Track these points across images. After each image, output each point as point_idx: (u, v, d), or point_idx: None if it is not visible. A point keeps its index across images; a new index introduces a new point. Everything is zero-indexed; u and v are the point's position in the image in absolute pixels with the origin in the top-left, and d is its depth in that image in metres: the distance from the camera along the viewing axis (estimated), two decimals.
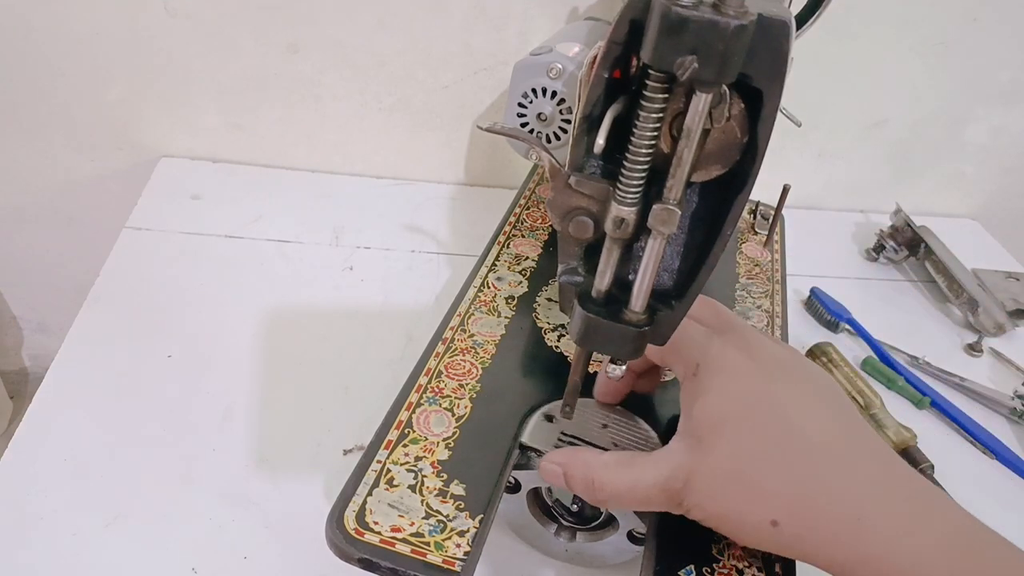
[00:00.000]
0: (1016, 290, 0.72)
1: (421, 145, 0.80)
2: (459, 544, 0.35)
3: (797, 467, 0.31)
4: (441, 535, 0.35)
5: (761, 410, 0.33)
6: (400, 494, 0.37)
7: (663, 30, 0.23)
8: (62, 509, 0.45)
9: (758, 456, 0.31)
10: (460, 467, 0.39)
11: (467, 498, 0.37)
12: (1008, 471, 0.55)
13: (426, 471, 0.39)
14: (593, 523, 0.42)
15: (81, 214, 0.84)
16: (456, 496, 0.38)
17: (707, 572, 0.35)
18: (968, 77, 0.78)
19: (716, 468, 0.32)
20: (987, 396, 0.61)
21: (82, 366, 0.54)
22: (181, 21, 0.70)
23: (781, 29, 0.25)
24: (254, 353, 0.57)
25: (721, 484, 0.32)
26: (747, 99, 0.27)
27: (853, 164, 0.85)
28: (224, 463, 0.49)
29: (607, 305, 0.32)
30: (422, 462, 0.39)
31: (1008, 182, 0.88)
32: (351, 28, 0.71)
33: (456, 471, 0.39)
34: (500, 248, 0.58)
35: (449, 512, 0.37)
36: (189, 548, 0.43)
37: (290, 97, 0.76)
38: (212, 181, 0.77)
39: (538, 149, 0.31)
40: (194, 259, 0.66)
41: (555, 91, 0.50)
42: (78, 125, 0.77)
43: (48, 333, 0.99)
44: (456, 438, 0.41)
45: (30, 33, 0.70)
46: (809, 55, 0.65)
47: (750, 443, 0.32)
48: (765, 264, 0.62)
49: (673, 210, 0.28)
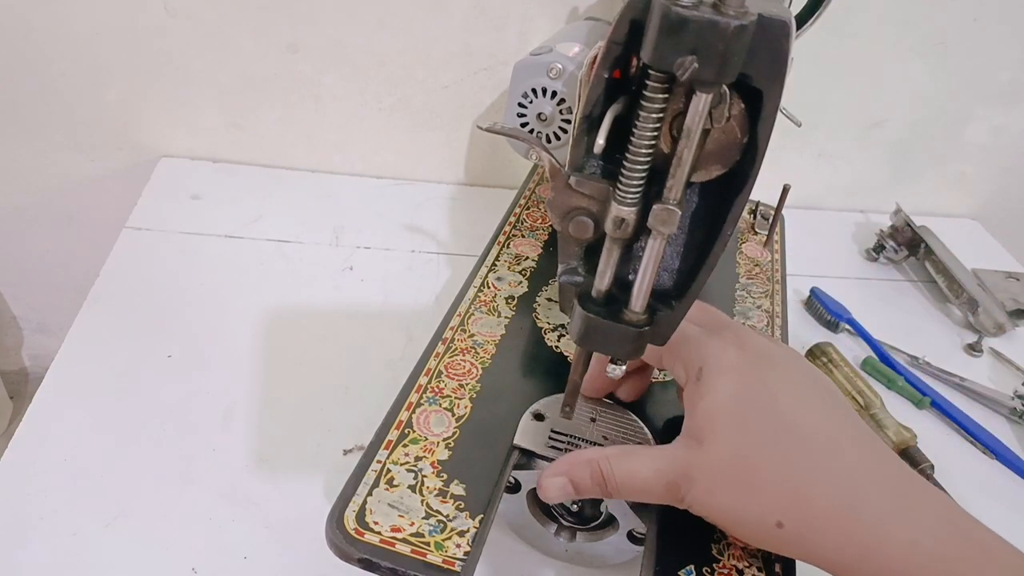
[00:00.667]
0: (1016, 290, 0.72)
1: (421, 145, 0.80)
2: (459, 544, 0.35)
3: (793, 461, 0.31)
4: (441, 535, 0.35)
5: (758, 406, 0.33)
6: (400, 494, 0.37)
7: (663, 30, 0.23)
8: (62, 509, 0.45)
9: (756, 451, 0.32)
10: (460, 467, 0.39)
11: (467, 498, 0.37)
12: (1008, 471, 0.55)
13: (426, 471, 0.39)
14: (593, 523, 0.42)
15: (81, 214, 0.84)
16: (456, 496, 0.38)
17: (707, 572, 0.35)
18: (968, 77, 0.78)
19: (716, 463, 0.32)
20: (987, 396, 0.61)
21: (82, 366, 0.54)
22: (181, 21, 0.70)
23: (781, 29, 0.25)
24: (254, 353, 0.57)
25: (721, 479, 0.32)
26: (747, 99, 0.27)
27: (853, 164, 0.85)
28: (224, 463, 0.49)
29: (607, 305, 0.32)
30: (422, 462, 0.39)
31: (1008, 182, 0.88)
32: (351, 28, 0.71)
33: (456, 471, 0.39)
34: (500, 248, 0.58)
35: (449, 512, 0.37)
36: (189, 548, 0.43)
37: (290, 97, 0.76)
38: (212, 181, 0.77)
39: (538, 149, 0.31)
40: (194, 259, 0.66)
41: (555, 91, 0.50)
42: (78, 125, 0.77)
43: (48, 333, 0.99)
44: (456, 438, 0.41)
45: (30, 33, 0.70)
46: (809, 55, 0.65)
47: (748, 439, 0.32)
48: (765, 264, 0.62)
49: (673, 210, 0.28)
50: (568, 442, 0.40)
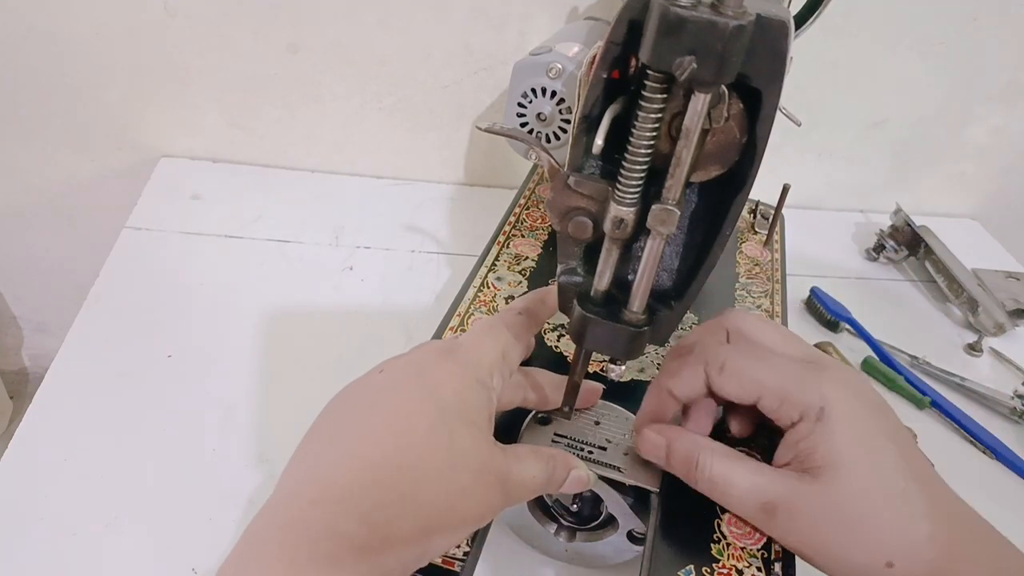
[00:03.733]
0: (1016, 290, 0.72)
1: (421, 145, 0.80)
2: (459, 544, 0.35)
3: (908, 511, 0.32)
4: None
5: (882, 453, 0.33)
6: None
7: (662, 30, 0.23)
8: (62, 509, 0.45)
9: (876, 501, 0.32)
10: None
11: None
12: (1008, 471, 0.55)
13: None
14: (593, 523, 0.42)
15: (81, 214, 0.84)
16: None
17: (707, 572, 0.35)
18: (968, 77, 0.78)
19: (832, 500, 0.32)
20: (987, 396, 0.61)
21: (82, 366, 0.54)
22: (181, 21, 0.70)
23: (780, 29, 0.25)
24: (254, 353, 0.57)
25: (833, 516, 0.32)
26: (746, 99, 0.27)
27: (853, 164, 0.85)
28: (224, 463, 0.49)
29: (606, 305, 0.32)
30: None
31: (1008, 182, 0.88)
32: (351, 28, 0.71)
33: None
34: (500, 248, 0.58)
35: None
36: (189, 548, 0.44)
37: (290, 97, 0.76)
38: (212, 181, 0.77)
39: (537, 149, 0.31)
40: (194, 259, 0.66)
41: (555, 91, 0.50)
42: (78, 125, 0.77)
43: (48, 333, 0.99)
44: None
45: (30, 33, 0.70)
46: (809, 55, 0.65)
47: (868, 486, 0.32)
48: (765, 264, 0.62)
49: (672, 210, 0.28)
50: (570, 445, 0.40)
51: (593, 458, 0.39)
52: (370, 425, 0.31)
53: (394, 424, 0.30)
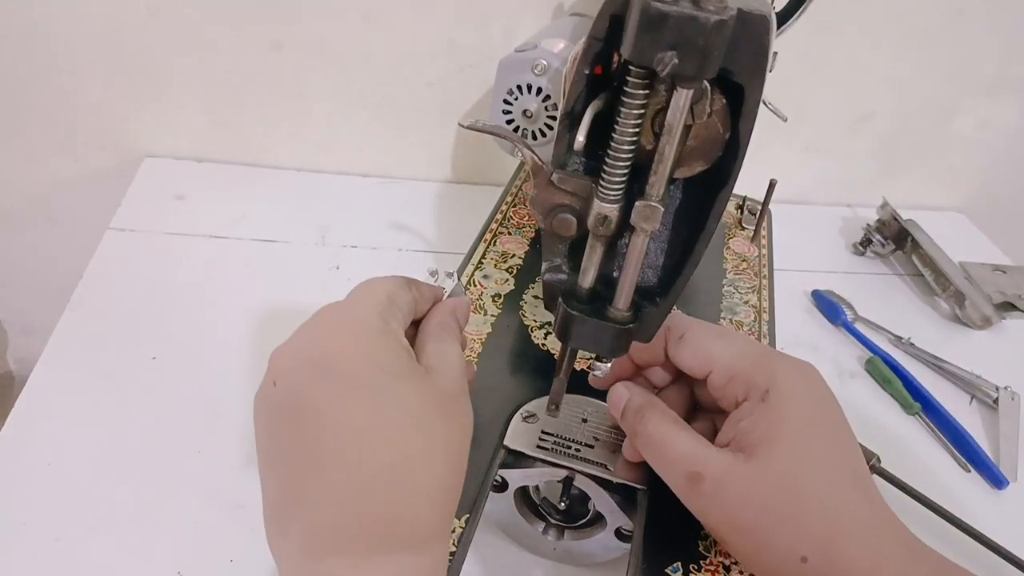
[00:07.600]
0: (1003, 283, 0.73)
1: (407, 143, 0.80)
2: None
3: (839, 504, 0.31)
4: None
5: (820, 441, 0.33)
6: None
7: (643, 25, 0.23)
8: (46, 513, 0.44)
9: (803, 488, 0.31)
10: None
11: None
12: (987, 484, 0.55)
13: None
14: (581, 521, 0.42)
15: (64, 215, 0.84)
16: None
17: (694, 569, 0.35)
18: (954, 70, 0.78)
19: (761, 478, 0.32)
20: (968, 381, 0.62)
21: (66, 368, 0.54)
22: (162, 19, 0.69)
23: (761, 23, 0.25)
24: (240, 354, 0.56)
25: (759, 495, 0.31)
26: (728, 94, 0.27)
27: (840, 158, 0.85)
28: (210, 465, 0.48)
29: (591, 303, 0.32)
30: None
31: (994, 175, 0.88)
32: (335, 25, 0.71)
33: None
34: (487, 246, 0.58)
35: None
36: (175, 552, 0.43)
37: (274, 95, 0.76)
38: (196, 181, 0.77)
39: (520, 146, 0.31)
40: (179, 260, 0.66)
41: (540, 87, 0.50)
42: (60, 125, 0.76)
43: (32, 335, 0.98)
44: None
45: (9, 33, 0.69)
46: (795, 49, 0.65)
47: (805, 469, 0.32)
48: (752, 259, 0.62)
49: (656, 207, 0.27)
50: (557, 443, 0.40)
51: (580, 455, 0.39)
52: (338, 447, 0.30)
53: (361, 435, 0.30)
